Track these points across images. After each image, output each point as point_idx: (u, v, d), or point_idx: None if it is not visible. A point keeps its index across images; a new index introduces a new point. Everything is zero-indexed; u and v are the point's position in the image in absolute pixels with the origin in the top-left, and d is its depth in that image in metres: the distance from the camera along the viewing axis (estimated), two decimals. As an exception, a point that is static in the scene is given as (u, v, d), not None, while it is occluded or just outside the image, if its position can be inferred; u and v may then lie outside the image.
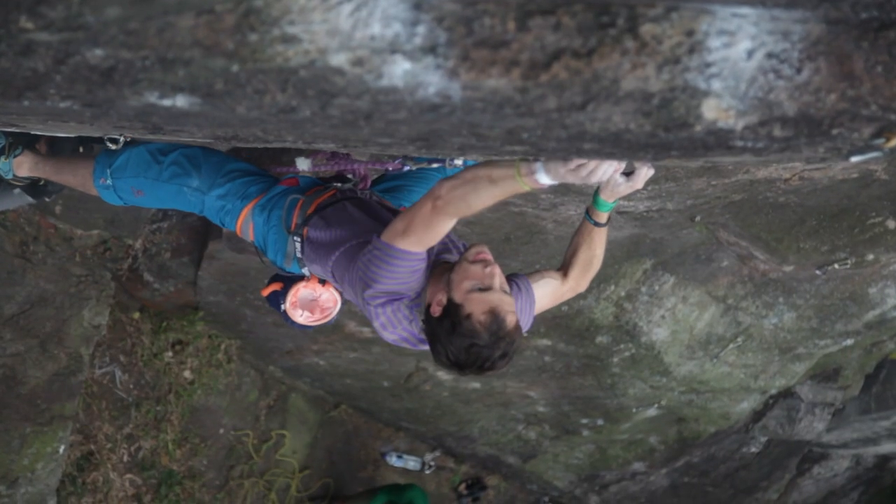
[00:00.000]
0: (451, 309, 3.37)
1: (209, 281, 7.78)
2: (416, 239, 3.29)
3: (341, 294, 4.28)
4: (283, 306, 4.41)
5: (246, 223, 4.18)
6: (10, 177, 4.69)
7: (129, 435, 8.50)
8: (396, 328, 3.62)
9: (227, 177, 4.23)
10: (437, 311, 3.44)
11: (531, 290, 3.92)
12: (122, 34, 1.95)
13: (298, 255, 4.03)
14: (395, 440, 10.93)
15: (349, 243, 3.75)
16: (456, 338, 3.34)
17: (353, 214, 3.91)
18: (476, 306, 3.32)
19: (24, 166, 4.62)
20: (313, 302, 4.34)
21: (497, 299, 3.34)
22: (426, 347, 3.60)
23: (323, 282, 4.25)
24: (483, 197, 3.02)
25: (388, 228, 3.40)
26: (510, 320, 3.34)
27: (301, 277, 4.26)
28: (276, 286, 4.42)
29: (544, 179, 2.90)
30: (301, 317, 4.42)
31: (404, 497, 9.86)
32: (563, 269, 3.99)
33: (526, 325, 3.85)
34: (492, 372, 3.40)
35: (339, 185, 4.23)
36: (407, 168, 4.27)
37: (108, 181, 4.36)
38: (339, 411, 10.46)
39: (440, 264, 3.61)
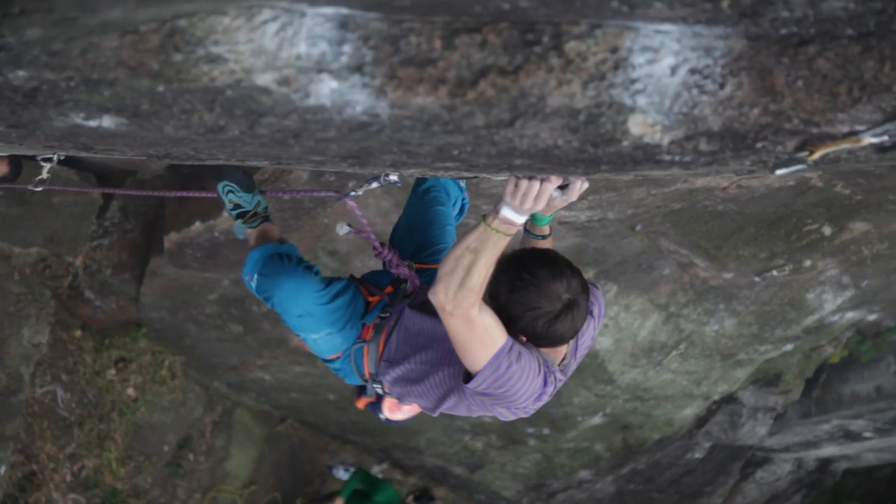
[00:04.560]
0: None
1: (151, 297, 7.71)
2: (488, 343, 3.14)
3: None
4: (382, 415, 5.33)
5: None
6: None
7: (71, 454, 8.39)
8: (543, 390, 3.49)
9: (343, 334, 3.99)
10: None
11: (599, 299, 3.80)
12: (45, 55, 1.93)
13: (379, 391, 3.94)
14: (342, 453, 10.89)
15: (439, 381, 3.59)
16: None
17: (420, 335, 3.70)
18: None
19: None
20: None
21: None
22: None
23: None
24: (478, 269, 2.96)
25: (468, 364, 3.21)
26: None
27: None
28: (368, 399, 4.67)
29: (511, 214, 2.91)
30: (402, 414, 5.19)
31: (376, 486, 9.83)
32: None
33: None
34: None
35: (391, 299, 3.98)
36: (353, 193, 3.88)
37: (253, 283, 4.04)
38: (285, 425, 10.40)
39: None
